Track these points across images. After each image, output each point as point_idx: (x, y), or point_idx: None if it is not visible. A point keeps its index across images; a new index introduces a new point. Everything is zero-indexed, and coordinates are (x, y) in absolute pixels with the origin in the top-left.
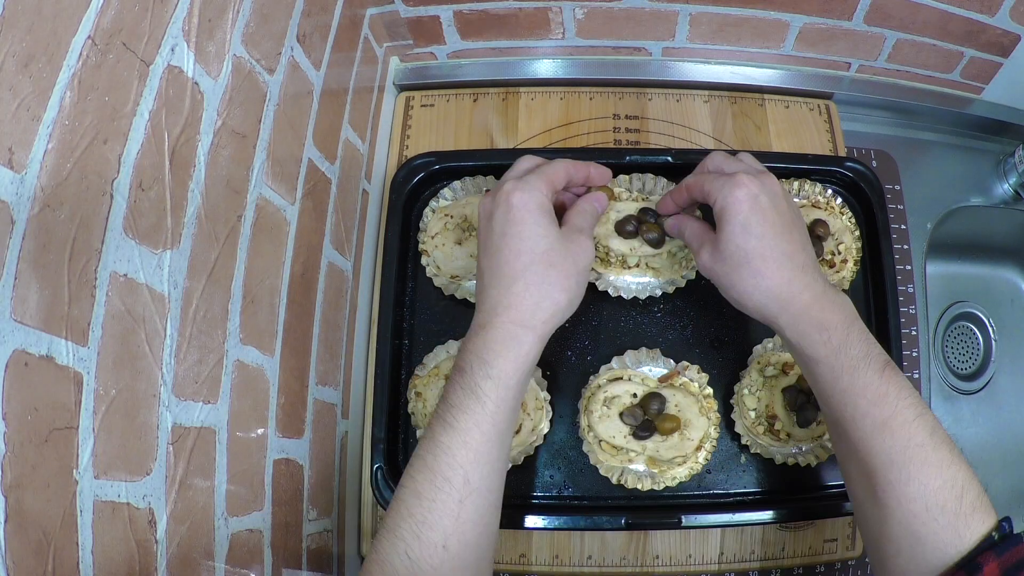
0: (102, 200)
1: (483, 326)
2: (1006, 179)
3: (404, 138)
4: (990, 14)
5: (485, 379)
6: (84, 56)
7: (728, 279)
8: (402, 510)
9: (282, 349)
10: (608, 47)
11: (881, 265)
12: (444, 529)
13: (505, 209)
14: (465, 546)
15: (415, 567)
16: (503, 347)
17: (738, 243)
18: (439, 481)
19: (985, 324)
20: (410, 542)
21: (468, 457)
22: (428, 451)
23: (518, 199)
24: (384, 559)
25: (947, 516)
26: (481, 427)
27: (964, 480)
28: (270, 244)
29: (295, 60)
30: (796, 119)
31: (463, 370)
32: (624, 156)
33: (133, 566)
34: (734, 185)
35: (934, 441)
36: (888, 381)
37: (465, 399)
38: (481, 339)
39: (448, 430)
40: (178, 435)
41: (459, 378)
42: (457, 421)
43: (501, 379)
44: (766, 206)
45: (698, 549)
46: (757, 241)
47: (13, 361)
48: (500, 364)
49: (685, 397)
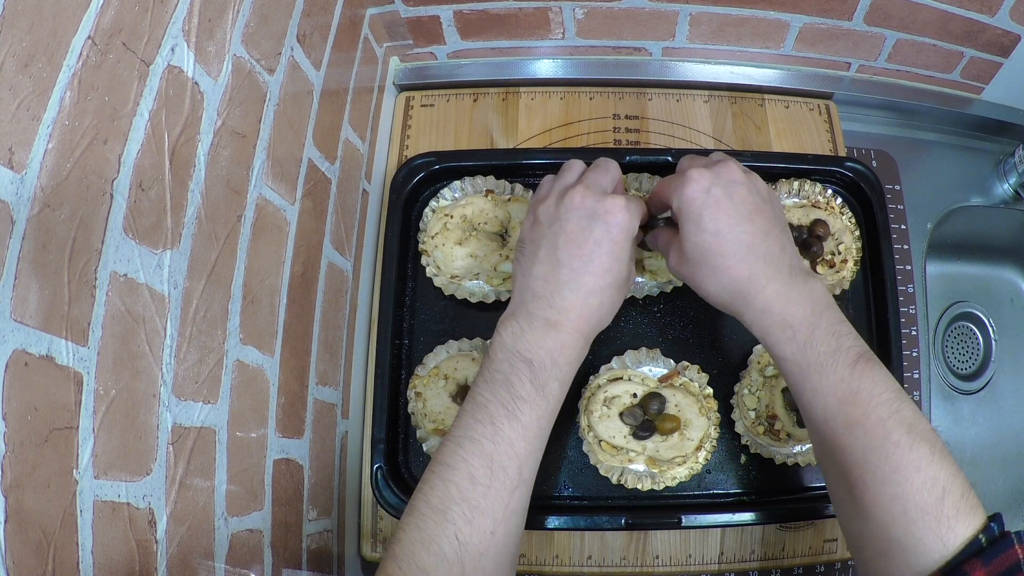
0: (102, 200)
1: (555, 326)
2: (1006, 179)
3: (404, 138)
4: (990, 14)
5: (555, 380)
6: (84, 56)
7: (692, 279)
8: (453, 492)
9: (282, 349)
10: (608, 47)
11: (881, 265)
12: (495, 516)
13: (611, 222)
14: (508, 534)
15: (463, 550)
16: (572, 353)
17: (694, 241)
18: (496, 469)
19: (985, 324)
20: (461, 525)
21: (525, 449)
22: (487, 437)
23: (625, 220)
24: (431, 539)
25: (928, 520)
26: (541, 423)
27: (946, 480)
28: (270, 244)
29: (295, 60)
30: (796, 119)
31: (534, 365)
32: (624, 156)
33: (133, 566)
34: (684, 183)
35: (912, 438)
36: (860, 377)
37: (534, 394)
38: (555, 340)
39: (513, 421)
40: (178, 435)
41: (528, 371)
42: (523, 414)
43: (565, 383)
44: (719, 197)
45: (698, 549)
46: (712, 237)
47: (13, 361)
48: (567, 369)
49: (685, 397)
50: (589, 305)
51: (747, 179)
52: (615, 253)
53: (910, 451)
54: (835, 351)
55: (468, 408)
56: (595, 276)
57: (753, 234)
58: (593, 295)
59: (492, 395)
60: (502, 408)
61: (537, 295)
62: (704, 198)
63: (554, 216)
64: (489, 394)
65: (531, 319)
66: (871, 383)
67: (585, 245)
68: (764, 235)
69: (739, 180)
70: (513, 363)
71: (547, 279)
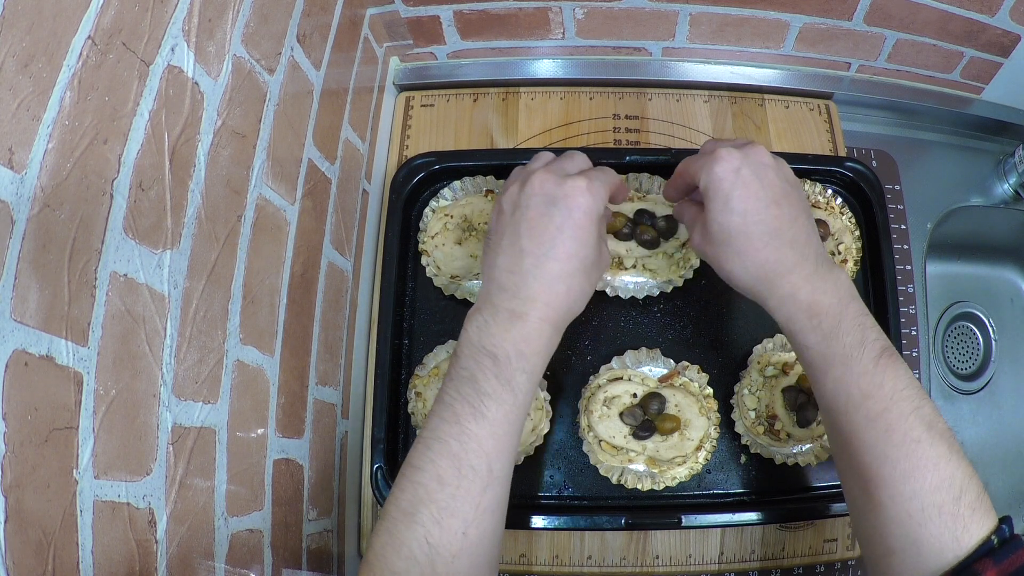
0: (102, 200)
1: (520, 316)
2: (1006, 179)
3: (404, 138)
4: (990, 14)
5: (522, 372)
6: (84, 56)
7: (716, 259)
8: (421, 494)
9: (282, 349)
10: (608, 47)
11: (881, 265)
12: (465, 517)
13: (572, 206)
14: (483, 534)
15: (434, 553)
16: (540, 344)
17: (719, 221)
18: (465, 469)
19: (985, 324)
20: (430, 527)
21: (495, 447)
22: (453, 437)
23: (587, 203)
24: (401, 543)
25: (944, 517)
26: (510, 419)
27: (963, 479)
28: (270, 244)
29: (295, 60)
30: (796, 119)
31: (499, 359)
32: (624, 156)
33: (133, 566)
34: (714, 161)
35: (931, 436)
36: (884, 370)
37: (500, 389)
38: (521, 331)
39: (479, 419)
40: (178, 435)
41: (493, 366)
42: (488, 410)
43: (534, 374)
44: (748, 178)
45: (698, 549)
46: (739, 218)
47: (13, 361)
48: (536, 361)
49: (685, 397)
50: (555, 292)
51: (776, 163)
52: (579, 237)
53: (930, 448)
54: (860, 343)
55: (436, 408)
56: (559, 262)
57: (780, 218)
58: (559, 281)
59: (458, 393)
60: (468, 406)
61: (502, 286)
62: (733, 178)
63: (516, 203)
64: (455, 392)
65: (496, 312)
66: (894, 378)
67: (547, 231)
68: (792, 221)
69: (768, 163)
70: (478, 359)
71: (511, 269)
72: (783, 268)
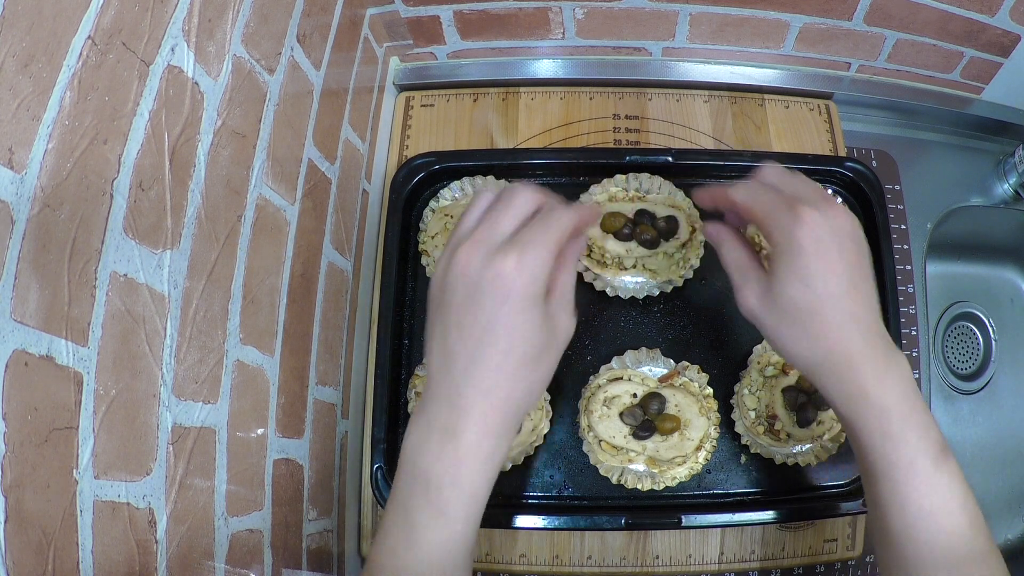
0: (102, 200)
1: (453, 435)
2: (1006, 179)
3: (404, 138)
4: (990, 14)
5: (457, 500)
6: (84, 56)
7: (776, 332)
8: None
9: (282, 349)
10: (608, 47)
11: (881, 265)
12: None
13: (499, 292)
14: None
15: None
16: (476, 464)
17: (792, 295)
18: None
19: (985, 324)
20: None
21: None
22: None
23: (520, 285)
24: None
25: None
26: (447, 547)
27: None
28: (270, 244)
29: (295, 60)
30: (796, 119)
31: (431, 486)
32: (624, 156)
33: (133, 566)
34: (796, 222)
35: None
36: (941, 470)
37: (432, 521)
38: (453, 454)
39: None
40: (178, 435)
41: (425, 493)
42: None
43: (475, 498)
44: (831, 252)
45: (698, 549)
46: (816, 299)
47: (13, 361)
48: (475, 483)
49: (685, 397)
50: (492, 402)
51: (855, 231)
52: (516, 326)
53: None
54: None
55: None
56: (493, 365)
57: (858, 303)
58: (496, 388)
59: (394, 517)
60: (401, 534)
61: (435, 394)
62: (816, 248)
63: (442, 288)
64: (393, 515)
65: (430, 427)
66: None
67: (474, 328)
68: (867, 305)
69: (848, 232)
70: (410, 483)
71: (444, 371)
72: (854, 361)
